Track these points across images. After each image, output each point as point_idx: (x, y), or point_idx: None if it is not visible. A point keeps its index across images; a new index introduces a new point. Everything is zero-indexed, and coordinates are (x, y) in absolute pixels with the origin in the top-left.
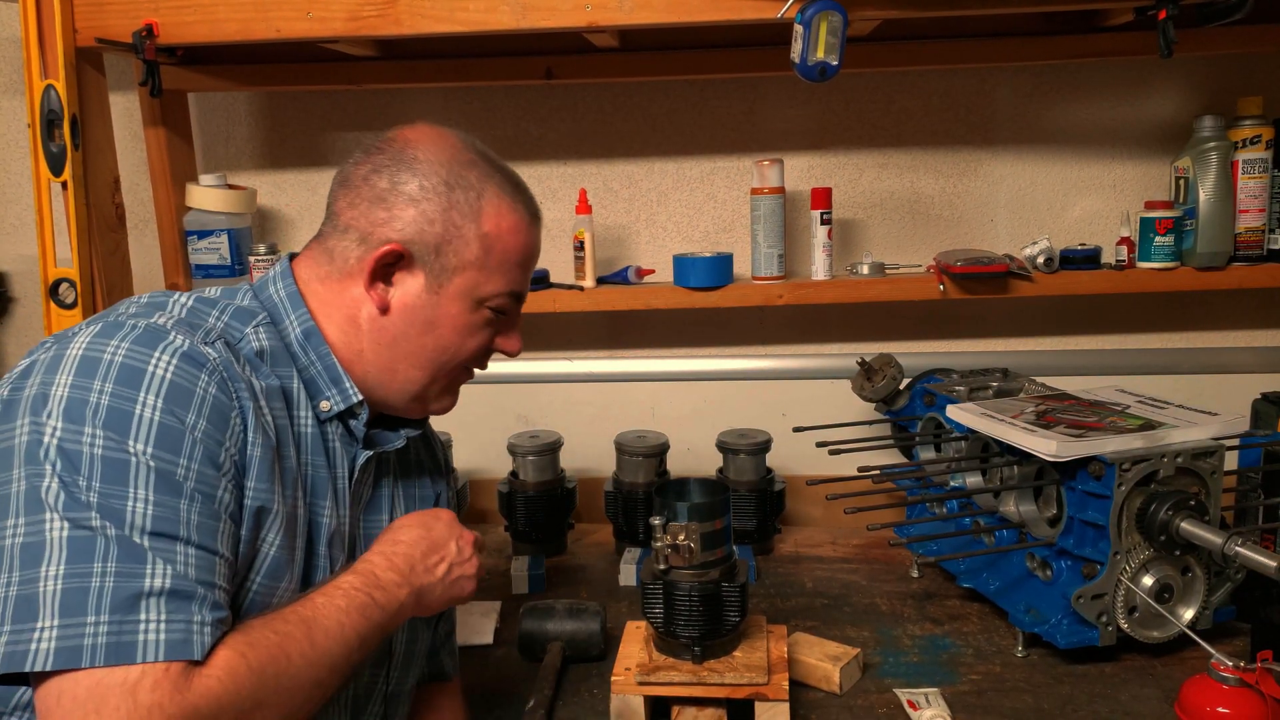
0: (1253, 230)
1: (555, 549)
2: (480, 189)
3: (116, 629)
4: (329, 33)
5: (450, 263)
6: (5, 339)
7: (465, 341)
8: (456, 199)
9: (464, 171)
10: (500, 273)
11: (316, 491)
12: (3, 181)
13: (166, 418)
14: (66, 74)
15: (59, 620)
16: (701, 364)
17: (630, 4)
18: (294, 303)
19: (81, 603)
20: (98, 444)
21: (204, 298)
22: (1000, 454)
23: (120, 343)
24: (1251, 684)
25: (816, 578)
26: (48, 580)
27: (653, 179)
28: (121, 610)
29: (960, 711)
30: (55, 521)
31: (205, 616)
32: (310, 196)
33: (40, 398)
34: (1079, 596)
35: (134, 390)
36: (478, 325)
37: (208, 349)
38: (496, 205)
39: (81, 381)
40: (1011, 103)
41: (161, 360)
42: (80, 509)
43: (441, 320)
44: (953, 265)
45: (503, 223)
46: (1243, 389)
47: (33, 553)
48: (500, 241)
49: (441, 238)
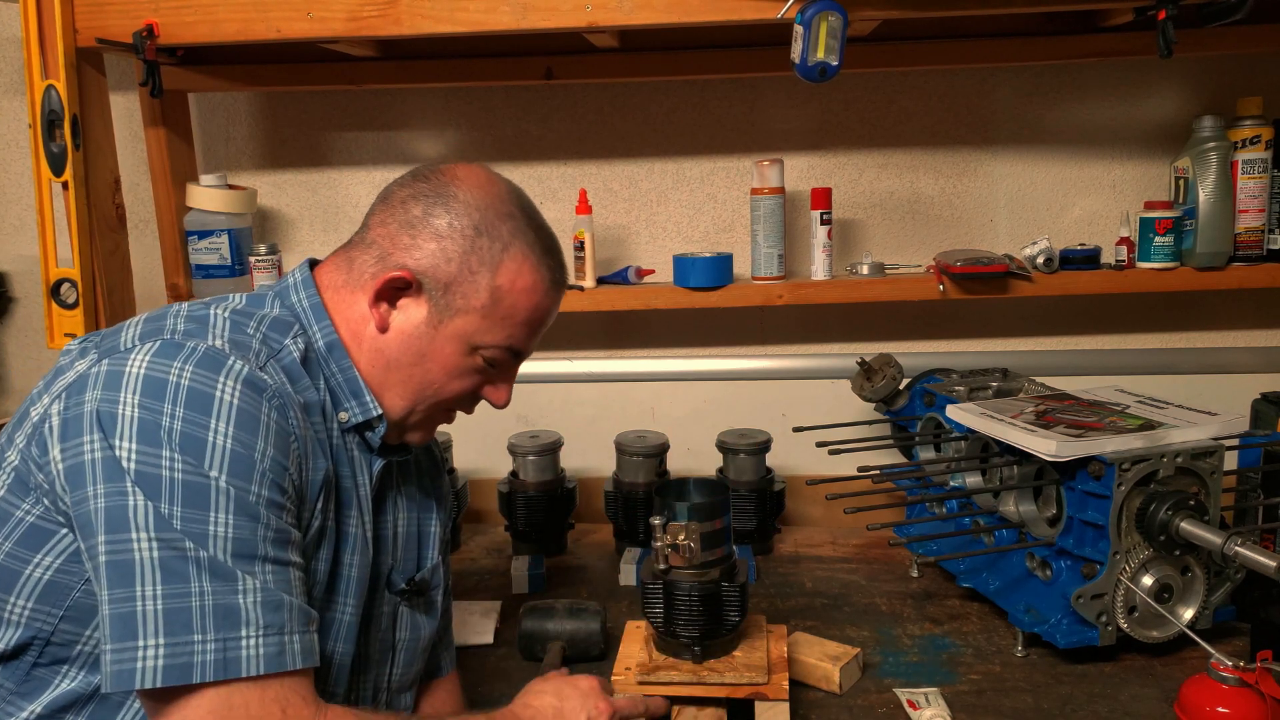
0: (1252, 230)
1: (555, 549)
2: (508, 242)
3: (221, 645)
4: (329, 33)
5: (455, 303)
6: (5, 339)
7: (451, 382)
8: (480, 245)
9: (497, 222)
10: (503, 327)
11: (344, 502)
12: (3, 181)
13: (237, 445)
14: (67, 74)
15: (165, 639)
16: (701, 364)
17: (630, 4)
18: (318, 314)
19: (186, 622)
20: (177, 468)
21: (238, 310)
22: (1000, 454)
23: (184, 365)
24: (1251, 684)
25: (816, 578)
26: (146, 600)
27: (653, 179)
28: (224, 628)
29: (960, 711)
30: (144, 541)
31: (295, 625)
32: (310, 196)
33: (108, 416)
34: (1079, 596)
35: (205, 416)
36: (467, 370)
37: (265, 375)
38: (519, 262)
39: (151, 403)
40: (1011, 103)
41: (227, 386)
42: (168, 530)
43: (433, 355)
44: (953, 265)
45: (519, 280)
46: (1242, 389)
47: (124, 571)
48: (511, 297)
49: (454, 277)
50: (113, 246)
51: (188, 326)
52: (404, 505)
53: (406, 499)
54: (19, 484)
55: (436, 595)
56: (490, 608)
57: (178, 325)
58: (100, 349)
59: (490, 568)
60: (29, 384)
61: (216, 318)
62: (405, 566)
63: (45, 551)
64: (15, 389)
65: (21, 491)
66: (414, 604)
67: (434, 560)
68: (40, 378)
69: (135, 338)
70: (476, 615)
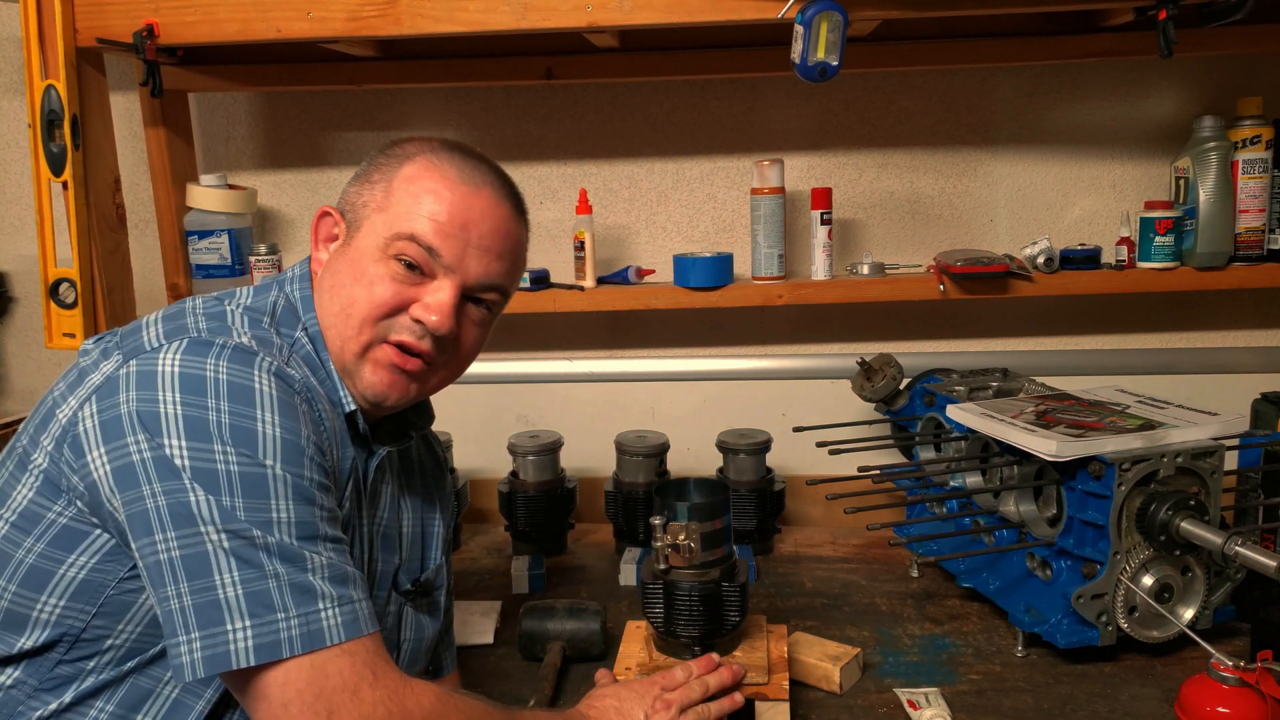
0: (1253, 230)
1: (555, 549)
2: (415, 154)
3: (305, 619)
4: (329, 33)
5: (360, 214)
6: (5, 339)
7: (367, 290)
8: (381, 161)
9: (409, 145)
10: (402, 216)
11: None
12: (3, 181)
13: (285, 433)
14: (67, 74)
15: (250, 620)
16: (701, 364)
17: (630, 4)
18: (305, 306)
19: (268, 603)
20: (231, 460)
21: (250, 307)
22: (1000, 454)
23: (219, 361)
24: (1251, 684)
25: (816, 578)
26: (225, 587)
27: (653, 179)
28: (303, 604)
29: (960, 711)
30: (214, 533)
31: (359, 594)
32: (310, 196)
33: (150, 415)
34: (1079, 596)
35: (250, 408)
36: (381, 276)
37: (291, 369)
38: (421, 162)
39: (194, 399)
40: (1011, 103)
41: (262, 378)
42: (235, 521)
43: (346, 269)
44: (953, 265)
45: (415, 173)
46: (1243, 389)
47: (199, 563)
48: (406, 186)
49: (360, 193)
50: (112, 246)
51: (210, 325)
52: (409, 505)
53: (411, 499)
54: (49, 486)
55: (440, 595)
56: (490, 608)
57: (200, 324)
58: (123, 350)
59: (490, 568)
60: (29, 384)
61: (233, 315)
62: (411, 566)
63: (80, 552)
64: (15, 389)
65: (52, 494)
66: (418, 604)
67: (438, 560)
68: (40, 377)
69: (160, 336)
70: (476, 615)
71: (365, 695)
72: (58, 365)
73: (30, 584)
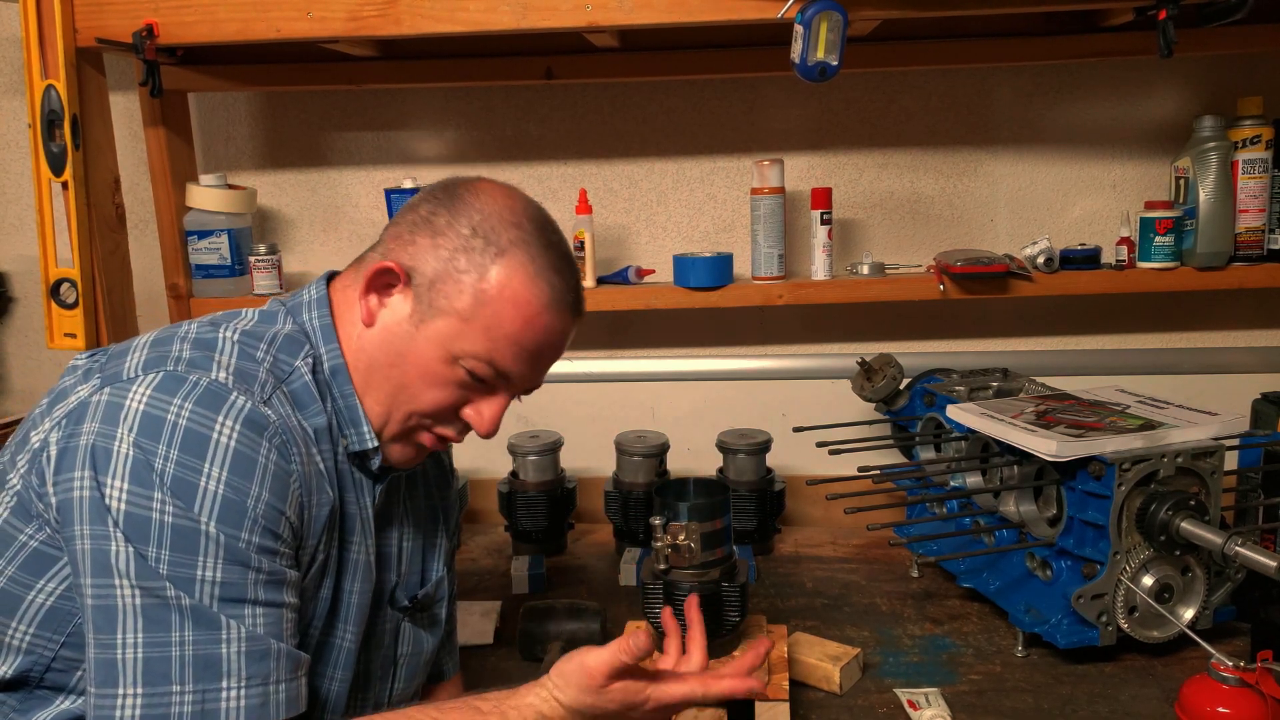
0: (1253, 230)
1: (555, 549)
2: (504, 248)
3: (200, 698)
4: (329, 33)
5: (438, 302)
6: (5, 339)
7: (427, 390)
8: (473, 245)
9: (499, 227)
10: (485, 337)
11: (347, 528)
12: (3, 181)
13: (229, 491)
14: (67, 74)
15: (143, 689)
16: (701, 364)
17: (630, 4)
18: (326, 336)
19: (164, 673)
20: (167, 511)
21: (248, 332)
22: (1000, 454)
23: (184, 402)
24: (1251, 684)
25: (816, 578)
26: (126, 648)
27: (653, 179)
28: (204, 680)
29: (960, 711)
30: (127, 588)
31: (281, 673)
32: (310, 196)
33: (103, 452)
34: (1079, 596)
35: (199, 460)
36: (446, 380)
37: (267, 410)
38: (511, 270)
39: (146, 443)
40: (1011, 103)
41: (225, 426)
42: (152, 577)
43: (411, 357)
44: (953, 265)
45: (507, 289)
46: (1243, 389)
47: (107, 617)
48: (496, 305)
49: (440, 274)
50: (112, 246)
51: (192, 355)
52: (410, 520)
53: (413, 513)
54: (21, 509)
55: (440, 610)
56: (490, 608)
57: (183, 353)
58: (104, 373)
59: (490, 568)
60: (29, 384)
61: (225, 341)
62: (409, 582)
63: (48, 578)
64: (15, 389)
65: (24, 517)
66: (417, 620)
67: (439, 574)
68: (40, 377)
69: (139, 366)
70: (476, 615)
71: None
72: (57, 365)
73: (2, 608)
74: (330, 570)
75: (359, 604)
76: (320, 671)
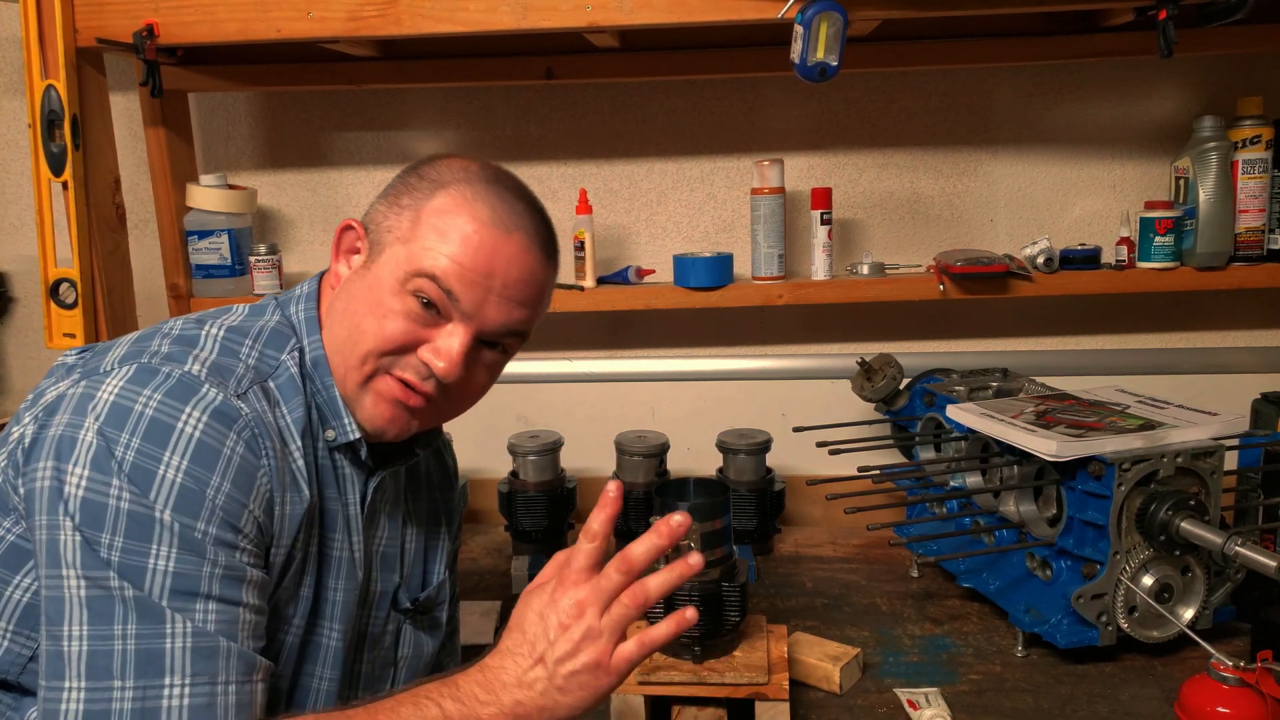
0: (1253, 230)
1: (555, 549)
2: (445, 183)
3: (141, 694)
4: (329, 33)
5: (383, 239)
6: (5, 339)
7: (377, 324)
8: (414, 184)
9: (446, 172)
10: (425, 254)
11: (327, 524)
12: (3, 181)
13: (188, 480)
14: (67, 74)
15: (86, 683)
16: (701, 364)
17: (630, 4)
18: (310, 328)
19: (106, 666)
20: (123, 497)
21: (234, 327)
22: (1000, 454)
23: (153, 393)
24: (1251, 684)
25: (816, 578)
26: (72, 640)
27: (653, 179)
28: (146, 675)
29: (960, 711)
30: (73, 579)
31: (231, 674)
32: (310, 196)
33: (67, 441)
34: (1079, 596)
35: (160, 449)
36: (395, 311)
37: (240, 403)
38: (452, 198)
39: (110, 432)
40: (1011, 103)
41: (191, 417)
42: (99, 567)
43: (360, 295)
44: (953, 265)
45: (445, 208)
46: (1243, 389)
47: (56, 608)
48: (434, 220)
49: (386, 216)
50: (112, 246)
51: (170, 349)
52: (413, 521)
53: (416, 515)
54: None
55: (441, 613)
56: (490, 608)
57: (161, 347)
58: (85, 368)
59: (490, 568)
60: (29, 384)
61: (207, 337)
62: (411, 584)
63: (24, 573)
64: (15, 389)
65: (2, 511)
66: (418, 622)
67: (441, 576)
68: (40, 377)
69: (117, 360)
70: (476, 615)
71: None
72: None
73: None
74: (310, 568)
75: (344, 601)
76: (308, 671)
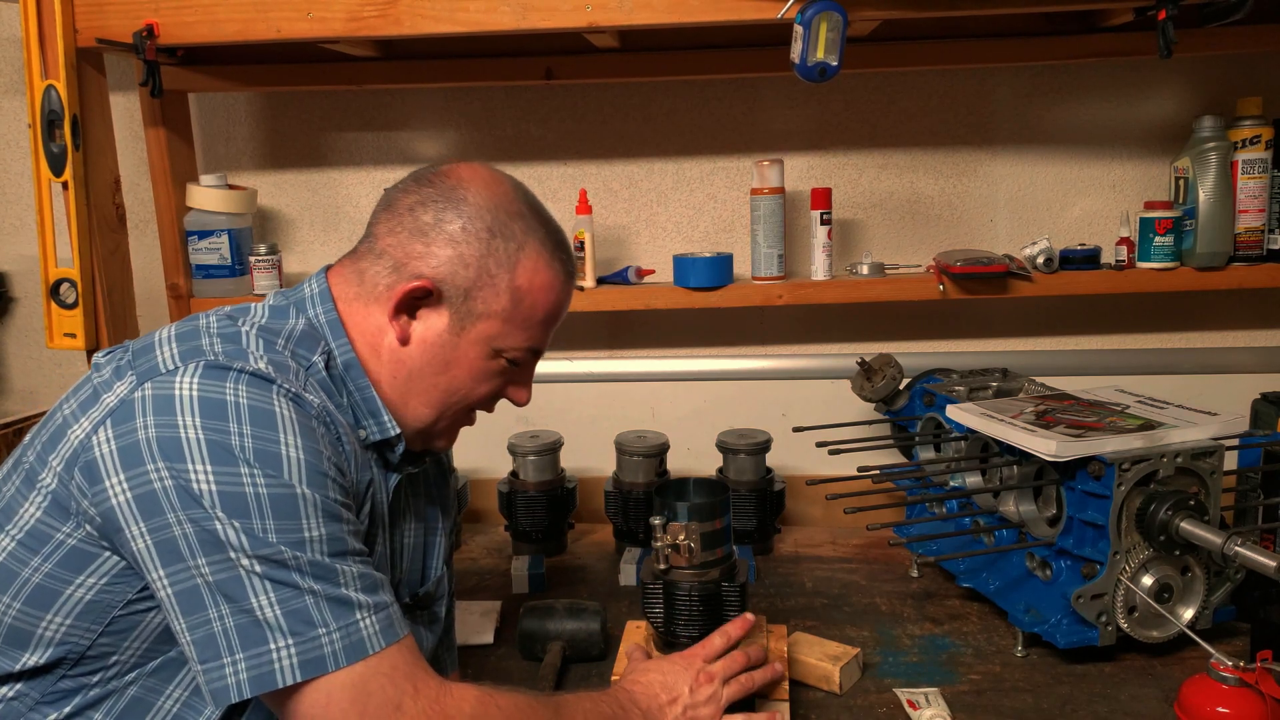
0: (1252, 230)
1: (555, 549)
2: (522, 241)
3: (345, 632)
4: (329, 33)
5: (477, 309)
6: (5, 339)
7: (477, 386)
8: (496, 247)
9: (509, 221)
10: (524, 328)
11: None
12: (3, 181)
13: (308, 455)
14: (67, 74)
15: (292, 639)
16: (701, 364)
17: (630, 4)
18: (334, 330)
19: (307, 619)
20: (260, 482)
21: (265, 328)
22: (1000, 454)
23: (237, 385)
24: (1251, 684)
25: (816, 578)
26: (263, 609)
27: (653, 179)
28: (341, 616)
29: (960, 711)
30: (244, 560)
31: (390, 598)
32: (310, 196)
33: (170, 441)
34: (1079, 596)
35: (273, 431)
36: (492, 373)
37: (308, 394)
38: (534, 260)
39: (216, 424)
40: (1011, 103)
41: (282, 403)
42: (263, 545)
43: (458, 362)
44: (952, 265)
45: (536, 279)
46: (1243, 389)
47: (234, 587)
48: (530, 296)
49: (473, 282)
50: (113, 246)
51: (226, 348)
52: (413, 517)
53: (415, 511)
54: (56, 507)
55: (439, 607)
56: (490, 608)
57: (215, 346)
58: (137, 370)
59: (490, 568)
60: (29, 384)
61: (247, 336)
62: (411, 579)
63: (89, 573)
64: (15, 389)
65: (60, 515)
66: (417, 617)
67: (439, 571)
68: (40, 377)
69: (175, 358)
70: (476, 615)
71: (408, 709)
72: (57, 365)
73: (36, 602)
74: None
75: None
76: None
